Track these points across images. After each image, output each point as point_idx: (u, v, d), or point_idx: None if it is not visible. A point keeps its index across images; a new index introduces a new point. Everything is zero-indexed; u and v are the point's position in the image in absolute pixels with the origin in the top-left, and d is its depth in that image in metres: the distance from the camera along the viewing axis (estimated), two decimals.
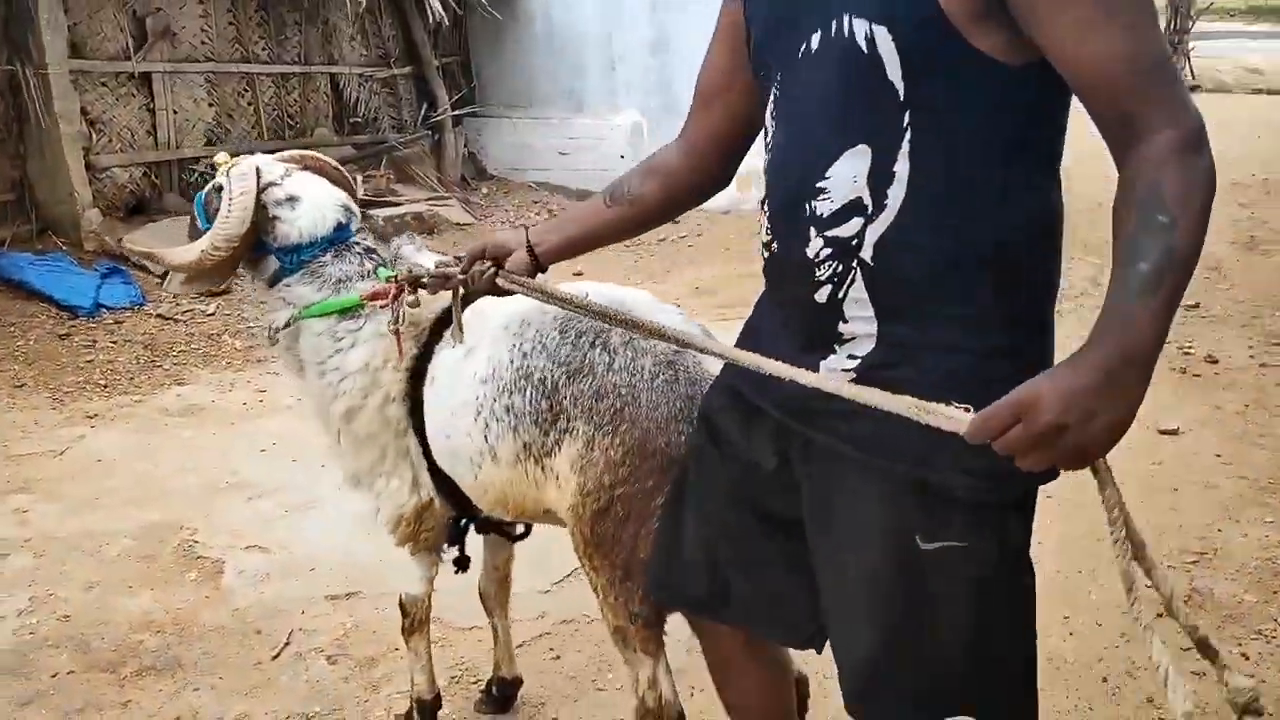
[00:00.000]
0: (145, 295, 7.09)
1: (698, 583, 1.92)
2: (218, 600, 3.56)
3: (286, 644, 3.30)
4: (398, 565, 2.69)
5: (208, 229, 2.40)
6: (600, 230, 2.04)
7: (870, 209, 1.49)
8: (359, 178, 9.29)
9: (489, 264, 2.04)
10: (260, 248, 2.48)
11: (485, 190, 10.90)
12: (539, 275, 2.03)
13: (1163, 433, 4.80)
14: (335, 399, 2.42)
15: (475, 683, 3.07)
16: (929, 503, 1.52)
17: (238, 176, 2.40)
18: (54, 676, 3.15)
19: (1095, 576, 3.52)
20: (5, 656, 3.23)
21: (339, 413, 2.43)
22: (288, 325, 2.45)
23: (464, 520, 2.60)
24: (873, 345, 1.55)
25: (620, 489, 2.08)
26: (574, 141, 10.89)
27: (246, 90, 9.25)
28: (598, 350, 2.15)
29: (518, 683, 2.99)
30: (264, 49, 9.41)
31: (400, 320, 2.21)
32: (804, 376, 1.54)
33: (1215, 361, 5.75)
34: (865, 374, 1.54)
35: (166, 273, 7.37)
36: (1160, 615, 1.47)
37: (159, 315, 6.82)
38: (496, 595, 2.93)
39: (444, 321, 2.33)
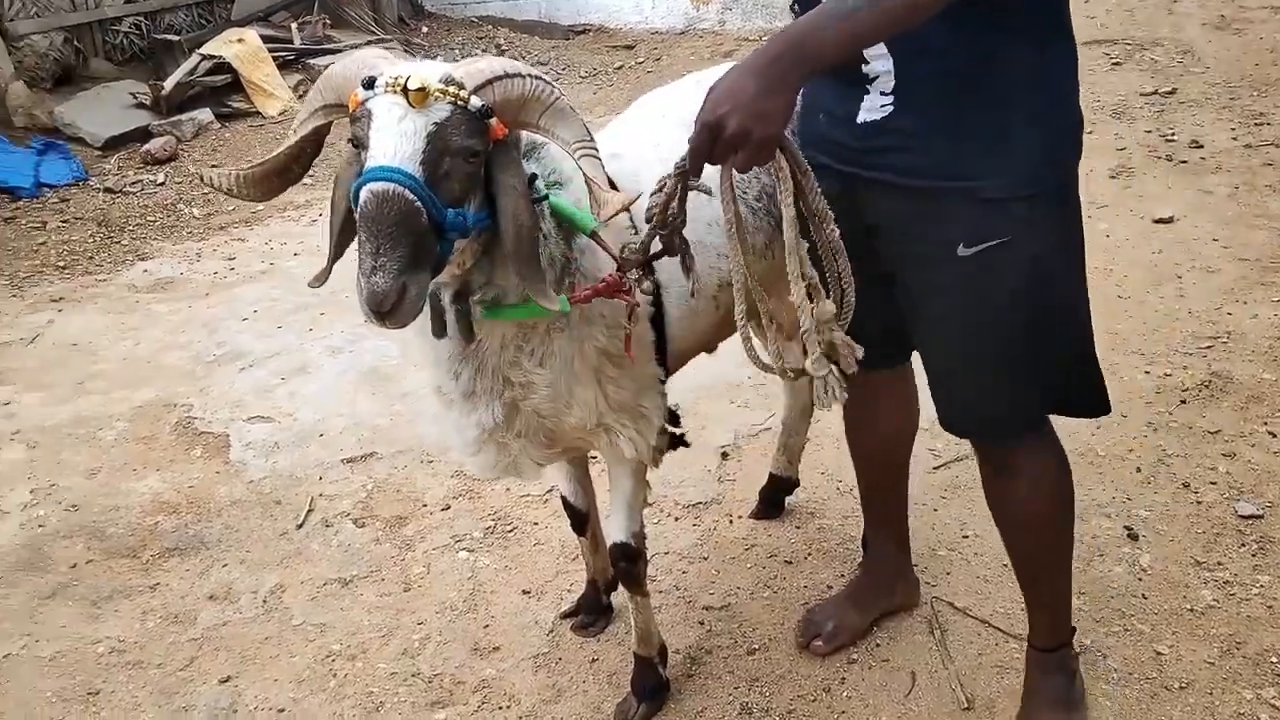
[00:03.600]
0: (87, 169, 6.71)
1: None
2: (230, 475, 3.45)
3: (310, 511, 3.22)
4: (621, 509, 2.19)
5: None
6: None
7: None
8: (293, 25, 8.78)
9: None
10: None
11: (426, 30, 10.35)
12: None
13: (1157, 221, 4.75)
14: (606, 337, 1.95)
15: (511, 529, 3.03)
16: (969, 210, 1.72)
17: None
18: (73, 567, 3.05)
19: (1115, 371, 3.49)
20: (18, 552, 3.12)
21: (612, 344, 1.96)
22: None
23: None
24: (894, 82, 1.71)
25: None
26: None
27: None
28: None
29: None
30: None
31: (636, 319, 1.87)
32: None
33: (1200, 146, 5.65)
34: (895, 114, 1.73)
35: (106, 143, 7.03)
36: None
37: (106, 189, 6.46)
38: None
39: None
